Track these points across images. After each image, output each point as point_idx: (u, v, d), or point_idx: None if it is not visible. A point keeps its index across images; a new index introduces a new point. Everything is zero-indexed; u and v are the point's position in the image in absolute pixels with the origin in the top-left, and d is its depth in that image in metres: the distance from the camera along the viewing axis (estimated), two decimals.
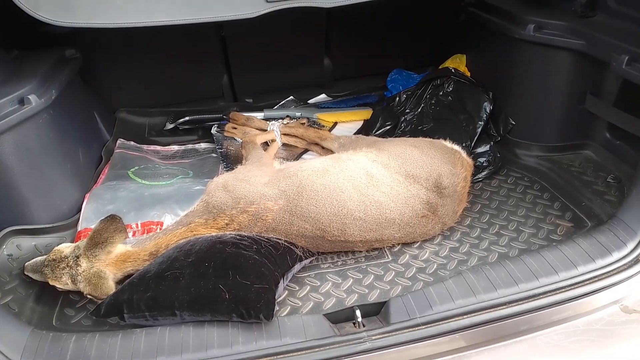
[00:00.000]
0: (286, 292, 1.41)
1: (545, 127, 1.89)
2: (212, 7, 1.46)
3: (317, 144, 2.02)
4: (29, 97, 1.49)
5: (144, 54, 2.21)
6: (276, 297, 1.28)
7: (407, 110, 2.10)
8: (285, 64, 2.39)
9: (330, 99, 2.46)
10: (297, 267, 1.46)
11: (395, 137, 1.98)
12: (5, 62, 1.68)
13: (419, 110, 2.08)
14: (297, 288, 1.43)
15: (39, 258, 1.46)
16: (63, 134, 1.69)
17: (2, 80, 1.56)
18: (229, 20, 1.49)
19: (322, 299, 1.38)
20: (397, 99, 2.14)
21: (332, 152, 1.89)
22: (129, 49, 2.17)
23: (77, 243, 1.43)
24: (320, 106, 2.39)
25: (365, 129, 2.14)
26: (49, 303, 1.42)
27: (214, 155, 2.14)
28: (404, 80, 2.38)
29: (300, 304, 1.37)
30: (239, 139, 2.15)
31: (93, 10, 1.42)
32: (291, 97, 2.43)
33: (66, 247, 1.42)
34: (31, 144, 1.55)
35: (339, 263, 1.52)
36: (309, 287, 1.43)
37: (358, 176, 1.51)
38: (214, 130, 2.22)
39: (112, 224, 1.35)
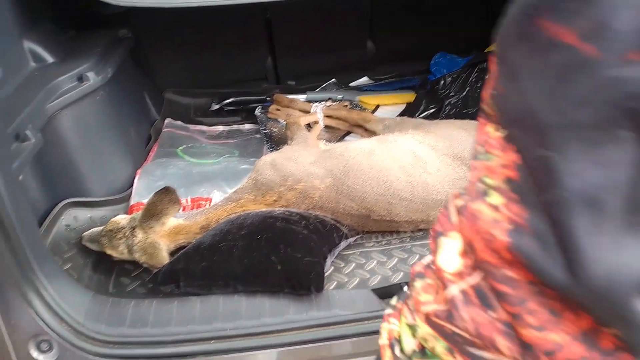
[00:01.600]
0: (332, 268, 1.44)
1: None
2: None
3: (360, 126, 2.03)
4: (88, 74, 1.55)
5: (191, 36, 2.26)
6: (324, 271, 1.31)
7: (452, 94, 2.09)
8: (329, 47, 2.40)
9: (372, 82, 2.46)
10: (343, 244, 1.49)
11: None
12: (63, 41, 1.75)
13: (464, 93, 2.06)
14: (343, 265, 1.46)
15: (96, 229, 1.52)
16: (117, 112, 1.75)
17: (61, 58, 1.62)
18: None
19: (368, 276, 1.40)
20: (442, 82, 2.13)
21: (375, 134, 1.90)
22: (177, 31, 2.22)
23: (132, 215, 1.49)
24: (362, 89, 2.40)
25: (409, 112, 2.14)
26: (105, 271, 1.49)
27: (257, 136, 2.18)
28: (447, 64, 2.36)
29: (347, 279, 1.40)
30: (282, 121, 2.18)
31: None
32: (333, 79, 2.44)
33: (122, 219, 1.48)
34: (88, 121, 1.61)
35: (384, 242, 1.53)
36: (354, 264, 1.46)
37: (405, 157, 1.52)
38: (257, 112, 2.26)
39: (167, 196, 1.40)
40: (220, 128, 2.27)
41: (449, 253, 0.39)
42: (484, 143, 0.36)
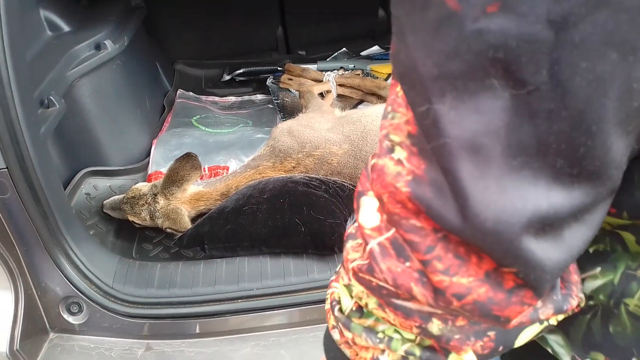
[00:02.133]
0: None
1: None
2: None
3: (374, 94, 2.03)
4: (105, 42, 1.55)
5: (202, 6, 2.24)
6: None
7: None
8: (340, 16, 2.39)
9: (383, 50, 2.45)
10: None
11: None
12: (77, 10, 1.74)
13: None
14: None
15: (117, 197, 1.55)
16: (133, 81, 1.76)
17: (77, 27, 1.62)
18: None
19: None
20: None
21: None
22: (188, 1, 2.20)
23: (153, 182, 1.51)
24: (373, 58, 2.39)
25: None
26: (128, 238, 1.52)
27: (270, 106, 2.18)
28: None
29: None
30: (294, 91, 2.18)
31: None
32: (344, 49, 2.44)
33: (144, 186, 1.50)
34: (106, 89, 1.62)
35: None
36: None
37: None
38: (269, 82, 2.26)
39: (189, 162, 1.41)
40: (233, 99, 2.27)
41: (368, 210, 0.40)
42: (392, 103, 0.37)
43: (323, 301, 1.18)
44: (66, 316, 1.23)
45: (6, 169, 1.06)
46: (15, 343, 1.14)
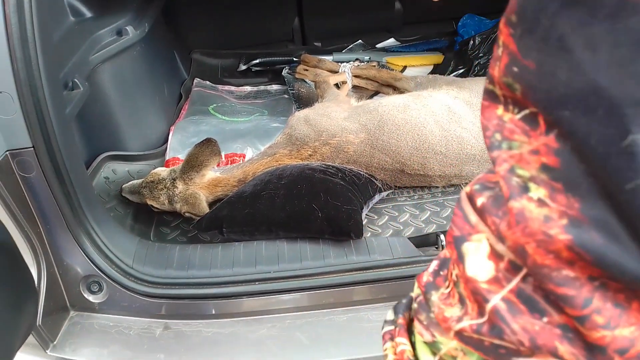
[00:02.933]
0: (366, 220, 1.48)
1: None
2: None
3: (389, 85, 2.04)
4: (127, 28, 1.57)
5: None
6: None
7: (481, 54, 2.09)
8: (356, 8, 2.39)
9: (399, 43, 2.45)
10: (377, 197, 1.52)
11: None
12: None
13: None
14: (376, 217, 1.50)
15: (135, 181, 1.57)
16: (152, 68, 1.78)
17: (99, 13, 1.65)
18: None
19: (402, 227, 1.44)
20: (471, 42, 2.12)
21: (404, 93, 1.91)
22: None
23: (172, 167, 1.53)
24: (389, 50, 2.40)
25: (437, 73, 2.14)
26: (146, 222, 1.54)
27: (285, 96, 2.20)
28: (475, 26, 2.35)
29: (380, 231, 1.43)
30: (309, 81, 2.19)
31: None
32: (360, 41, 2.44)
33: (162, 171, 1.52)
34: (126, 75, 1.64)
35: (416, 197, 1.56)
36: (387, 217, 1.49)
37: (440, 112, 1.53)
38: (285, 72, 2.27)
39: (209, 147, 1.43)
40: (248, 88, 2.29)
41: (478, 259, 0.35)
42: (500, 129, 0.32)
43: (339, 285, 1.20)
44: (86, 295, 1.26)
45: (32, 148, 1.08)
46: (38, 319, 1.17)
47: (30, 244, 1.17)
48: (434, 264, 0.43)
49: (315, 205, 1.26)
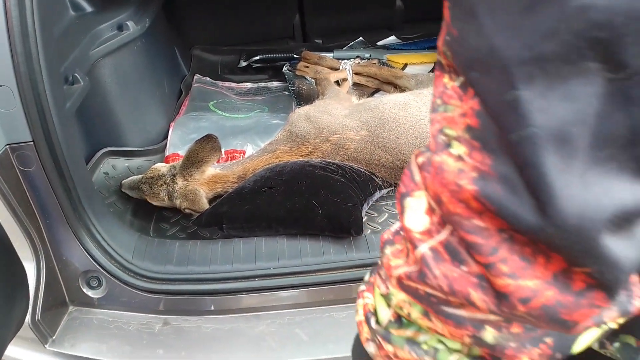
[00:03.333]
0: (366, 217, 1.48)
1: None
2: None
3: (390, 83, 2.04)
4: (127, 23, 1.56)
5: None
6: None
7: None
8: (357, 5, 2.39)
9: (400, 41, 2.45)
10: (377, 195, 1.52)
11: None
12: None
13: None
14: (376, 214, 1.49)
15: (135, 177, 1.57)
16: (153, 63, 1.78)
17: (99, 8, 1.64)
18: None
19: None
20: None
21: (405, 91, 1.90)
22: None
23: (172, 163, 1.53)
24: (389, 48, 2.39)
25: None
26: (145, 217, 1.54)
27: (286, 93, 2.19)
28: None
29: (380, 228, 1.43)
30: (310, 78, 2.19)
31: None
32: (360, 38, 2.44)
33: (162, 167, 1.52)
34: (127, 70, 1.64)
35: None
36: (387, 214, 1.49)
37: None
38: (285, 69, 2.27)
39: (209, 143, 1.43)
40: (249, 85, 2.28)
41: (416, 212, 0.38)
42: (441, 95, 0.35)
43: (339, 282, 1.20)
44: (86, 290, 1.26)
45: (32, 143, 1.08)
46: (37, 314, 1.17)
47: (29, 239, 1.17)
48: (396, 224, 0.46)
49: (315, 202, 1.26)
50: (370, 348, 0.47)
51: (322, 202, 1.27)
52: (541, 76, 0.29)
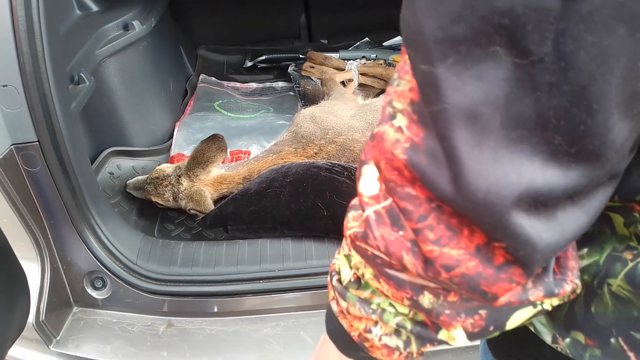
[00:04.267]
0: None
1: None
2: None
3: None
4: (133, 22, 1.56)
5: None
6: None
7: None
8: (363, 5, 2.38)
9: None
10: None
11: None
12: None
13: None
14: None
15: (140, 177, 1.56)
16: (158, 63, 1.77)
17: (105, 7, 1.64)
18: None
19: None
20: None
21: None
22: None
23: (177, 164, 1.52)
24: (396, 48, 2.38)
25: None
26: (150, 217, 1.54)
27: (291, 93, 2.18)
28: None
29: None
30: (315, 79, 2.18)
31: None
32: (366, 38, 2.43)
33: (168, 167, 1.52)
34: (132, 69, 1.63)
35: None
36: None
37: None
38: (291, 70, 2.26)
39: (215, 143, 1.42)
40: (254, 85, 2.28)
41: (369, 179, 0.40)
42: (400, 70, 0.37)
43: None
44: (90, 291, 1.25)
45: (37, 143, 1.07)
46: (41, 314, 1.17)
47: (34, 239, 1.17)
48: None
49: (320, 204, 1.25)
50: (334, 306, 0.50)
51: (327, 204, 1.26)
52: (455, 56, 0.31)
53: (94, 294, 1.26)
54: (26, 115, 1.05)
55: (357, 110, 1.61)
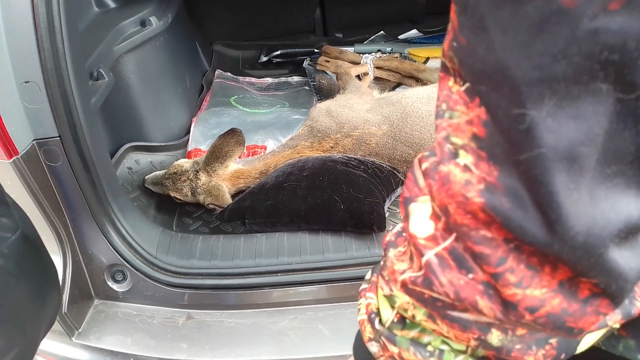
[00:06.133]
0: (388, 213, 1.46)
1: None
2: None
3: (412, 77, 2.01)
4: (150, 18, 1.57)
5: None
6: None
7: None
8: None
9: (422, 34, 2.42)
10: (399, 190, 1.50)
11: None
12: None
13: None
14: (398, 210, 1.48)
15: (158, 172, 1.58)
16: (175, 59, 1.78)
17: (122, 4, 1.65)
18: None
19: None
20: None
21: (427, 84, 1.88)
22: None
23: (195, 159, 1.53)
24: (411, 41, 2.36)
25: None
26: (168, 212, 1.55)
27: (306, 88, 2.18)
28: None
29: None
30: (330, 73, 2.17)
31: None
32: (381, 32, 2.42)
33: (185, 162, 1.53)
34: (150, 65, 1.65)
35: None
36: None
37: None
38: (306, 64, 2.26)
39: (233, 137, 1.43)
40: (269, 80, 2.28)
41: (420, 218, 0.38)
42: (447, 99, 0.34)
43: (361, 278, 1.19)
44: (110, 283, 1.27)
45: (59, 138, 1.09)
46: (64, 306, 1.19)
47: (56, 233, 1.19)
48: (398, 226, 0.46)
49: (337, 198, 1.25)
50: (373, 348, 0.48)
51: (344, 198, 1.26)
52: (551, 96, 0.29)
53: (115, 286, 1.28)
54: (47, 111, 1.07)
55: (373, 104, 1.61)
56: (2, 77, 1.04)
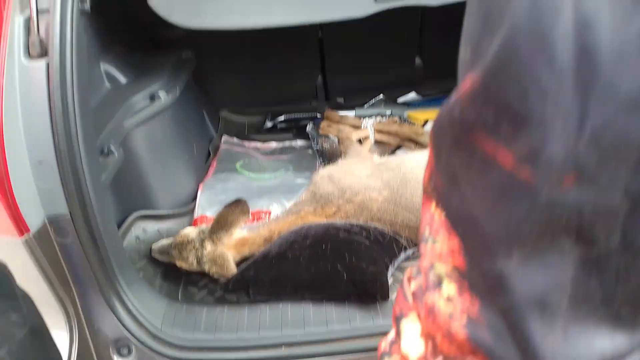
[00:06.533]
0: (392, 279, 1.47)
1: None
2: (325, 9, 1.55)
3: (411, 140, 2.07)
4: (159, 92, 1.64)
5: (247, 57, 2.35)
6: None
7: None
8: (378, 64, 2.46)
9: (420, 97, 2.50)
10: (402, 256, 1.51)
11: None
12: (133, 63, 1.86)
13: None
14: (402, 276, 1.48)
15: (164, 241, 1.60)
16: (182, 129, 1.85)
17: (132, 79, 1.73)
18: (339, 20, 1.57)
19: None
20: None
21: (426, 148, 1.93)
22: (233, 52, 2.32)
23: (201, 227, 1.56)
24: (410, 104, 2.44)
25: None
26: (174, 281, 1.56)
27: (309, 152, 2.24)
28: None
29: None
30: (332, 137, 2.23)
31: (217, 14, 1.55)
32: (381, 95, 2.50)
33: (191, 231, 1.55)
34: (158, 137, 1.71)
35: None
36: None
37: None
38: (309, 129, 2.33)
39: (239, 207, 1.46)
40: (274, 144, 2.34)
41: (412, 337, 0.39)
42: (430, 223, 0.36)
43: (365, 350, 1.19)
44: (116, 358, 1.27)
45: (69, 215, 1.13)
46: None
47: (63, 308, 1.20)
48: (392, 333, 0.47)
49: (340, 267, 1.27)
50: None
51: (347, 267, 1.27)
52: (519, 250, 0.31)
53: None
54: (59, 189, 1.11)
55: (373, 169, 1.65)
56: (18, 158, 1.09)
